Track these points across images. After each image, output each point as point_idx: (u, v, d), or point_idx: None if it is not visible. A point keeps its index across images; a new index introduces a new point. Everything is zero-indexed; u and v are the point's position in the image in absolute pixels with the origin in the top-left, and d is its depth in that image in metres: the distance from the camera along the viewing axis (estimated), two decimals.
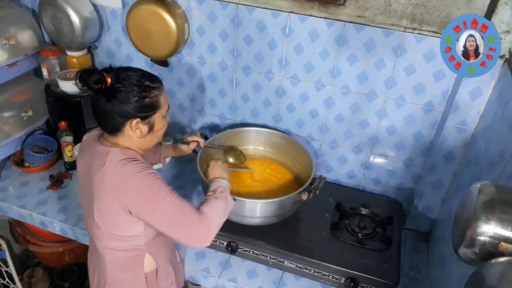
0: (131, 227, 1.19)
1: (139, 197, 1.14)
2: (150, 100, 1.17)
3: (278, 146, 1.79)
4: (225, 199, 1.25)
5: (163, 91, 1.22)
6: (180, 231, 1.15)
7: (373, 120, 1.65)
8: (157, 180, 1.16)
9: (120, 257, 1.26)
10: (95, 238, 1.27)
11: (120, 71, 1.16)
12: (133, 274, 1.29)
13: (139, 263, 1.27)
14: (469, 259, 0.76)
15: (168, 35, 1.64)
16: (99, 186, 1.16)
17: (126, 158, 1.15)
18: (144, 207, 1.14)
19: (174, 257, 1.42)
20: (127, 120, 1.16)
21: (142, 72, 1.19)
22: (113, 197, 1.14)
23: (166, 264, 1.35)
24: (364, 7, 1.43)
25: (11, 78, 1.85)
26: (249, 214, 1.47)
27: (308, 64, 1.61)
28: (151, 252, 1.27)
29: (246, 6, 1.58)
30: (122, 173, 1.14)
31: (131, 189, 1.13)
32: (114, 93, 1.13)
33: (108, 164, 1.14)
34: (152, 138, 1.25)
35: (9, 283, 2.07)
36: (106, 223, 1.20)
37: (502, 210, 0.72)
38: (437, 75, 1.46)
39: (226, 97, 1.84)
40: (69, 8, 1.72)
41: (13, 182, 1.87)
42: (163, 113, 1.23)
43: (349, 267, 1.43)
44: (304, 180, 1.56)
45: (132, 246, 1.24)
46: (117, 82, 1.13)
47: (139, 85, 1.15)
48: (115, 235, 1.21)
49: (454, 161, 1.49)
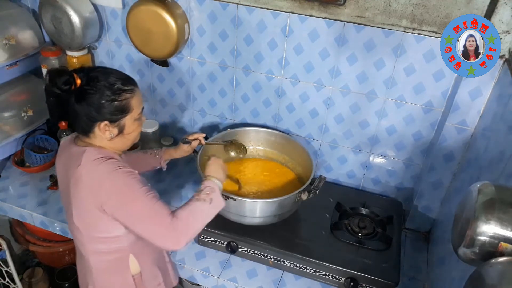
0: (111, 227, 1.17)
1: (113, 195, 1.12)
2: (120, 103, 1.14)
3: (278, 146, 1.79)
4: (210, 200, 1.21)
5: (135, 93, 1.19)
6: (152, 232, 1.13)
7: (373, 120, 1.65)
8: (133, 179, 1.14)
9: (105, 260, 1.24)
10: (78, 243, 1.26)
11: (92, 72, 1.14)
12: (120, 277, 1.27)
13: (125, 265, 1.25)
14: (469, 259, 0.76)
15: (168, 35, 1.64)
16: (76, 186, 1.14)
17: (101, 156, 1.14)
18: (118, 206, 1.12)
19: (161, 258, 1.40)
20: (95, 122, 1.14)
21: (115, 73, 1.17)
22: (89, 196, 1.13)
23: (152, 266, 1.33)
24: (364, 7, 1.43)
25: (11, 78, 1.85)
26: (249, 214, 1.47)
27: (308, 64, 1.61)
28: (135, 254, 1.25)
29: (246, 6, 1.58)
30: (97, 171, 1.12)
31: (106, 187, 1.11)
32: (83, 94, 1.11)
33: (84, 163, 1.13)
34: (124, 141, 1.22)
35: (9, 283, 2.07)
36: (85, 225, 1.18)
37: (502, 210, 0.72)
38: (437, 75, 1.46)
39: (226, 97, 1.84)
40: (69, 8, 1.72)
41: (13, 182, 1.87)
42: (135, 116, 1.20)
43: (349, 267, 1.43)
44: (304, 180, 1.56)
45: (115, 248, 1.21)
46: (87, 84, 1.11)
47: (109, 87, 1.13)
48: (97, 237, 1.19)
49: (454, 161, 1.49)
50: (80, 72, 1.12)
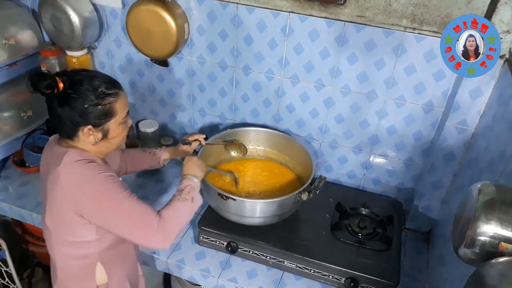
0: (83, 232, 1.15)
1: (94, 201, 1.10)
2: (104, 107, 1.13)
3: (278, 146, 1.79)
4: (191, 199, 1.23)
5: (120, 97, 1.17)
6: (139, 234, 1.13)
7: (373, 120, 1.64)
8: (114, 183, 1.12)
9: (71, 265, 1.22)
10: (48, 244, 1.24)
11: (74, 75, 1.12)
12: (83, 284, 1.24)
13: (91, 273, 1.22)
14: (469, 259, 0.76)
15: (168, 35, 1.64)
16: (53, 187, 1.12)
17: (83, 159, 1.12)
18: (99, 211, 1.11)
19: (133, 271, 1.37)
20: (79, 126, 1.13)
21: (99, 77, 1.15)
22: (65, 199, 1.11)
23: (121, 278, 1.30)
24: (364, 6, 1.43)
25: (10, 78, 1.85)
26: (249, 214, 1.47)
27: (308, 64, 1.61)
28: (103, 263, 1.22)
29: (246, 5, 1.57)
30: (77, 174, 1.10)
31: (86, 191, 1.10)
32: (66, 99, 1.09)
33: (64, 163, 1.11)
34: (108, 145, 1.21)
35: (9, 283, 2.07)
36: (56, 227, 1.17)
37: (502, 210, 0.72)
38: (437, 75, 1.46)
39: (226, 97, 1.84)
40: (69, 8, 1.71)
41: (13, 182, 1.87)
42: (119, 120, 1.18)
43: (349, 267, 1.43)
44: (304, 180, 1.56)
45: (83, 254, 1.20)
46: (70, 88, 1.09)
47: (92, 91, 1.11)
48: (66, 240, 1.17)
49: (454, 161, 1.49)
50: (63, 75, 1.11)
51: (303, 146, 1.68)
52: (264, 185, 1.66)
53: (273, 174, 1.73)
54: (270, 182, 1.68)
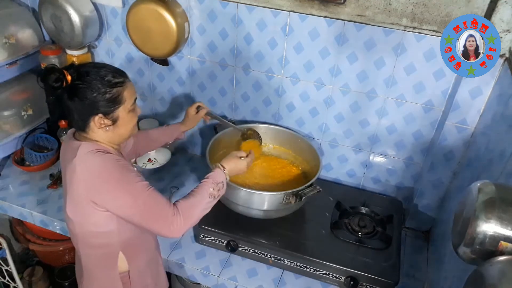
0: (103, 221, 1.18)
1: (108, 189, 1.13)
2: (111, 95, 1.15)
3: (285, 142, 1.80)
4: (218, 197, 1.26)
5: (127, 85, 1.20)
6: (154, 224, 1.16)
7: (373, 119, 1.65)
8: (131, 173, 1.15)
9: (94, 254, 1.26)
10: (72, 235, 1.27)
11: (81, 68, 1.15)
12: (107, 273, 1.27)
13: (113, 261, 1.25)
14: (469, 258, 0.76)
15: (168, 34, 1.64)
16: (71, 179, 1.15)
17: (97, 149, 1.15)
18: (113, 198, 1.14)
19: (153, 260, 1.40)
20: (90, 116, 1.15)
21: (105, 67, 1.18)
22: (83, 188, 1.13)
23: (142, 267, 1.33)
24: (364, 6, 1.43)
25: (11, 77, 1.85)
26: (256, 207, 1.48)
27: (308, 63, 1.61)
28: (125, 252, 1.26)
29: (246, 5, 1.57)
30: (93, 163, 1.14)
31: (101, 180, 1.13)
32: (75, 90, 1.12)
33: (79, 155, 1.14)
34: (120, 134, 1.23)
35: (10, 281, 2.07)
36: (77, 217, 1.19)
37: (502, 209, 0.72)
38: (437, 74, 1.46)
39: (226, 96, 1.84)
40: (69, 7, 1.71)
41: (14, 181, 1.87)
42: (128, 107, 1.21)
43: (349, 266, 1.43)
44: (311, 176, 1.56)
45: (105, 243, 1.22)
46: (78, 79, 1.12)
47: (100, 80, 1.13)
48: (88, 230, 1.20)
49: (454, 160, 1.49)
50: (70, 68, 1.13)
51: (311, 144, 1.70)
52: (267, 180, 1.67)
53: (278, 170, 1.74)
54: (275, 178, 1.69)
